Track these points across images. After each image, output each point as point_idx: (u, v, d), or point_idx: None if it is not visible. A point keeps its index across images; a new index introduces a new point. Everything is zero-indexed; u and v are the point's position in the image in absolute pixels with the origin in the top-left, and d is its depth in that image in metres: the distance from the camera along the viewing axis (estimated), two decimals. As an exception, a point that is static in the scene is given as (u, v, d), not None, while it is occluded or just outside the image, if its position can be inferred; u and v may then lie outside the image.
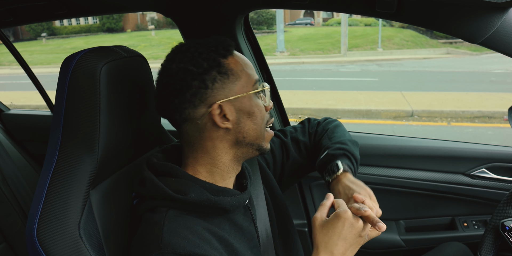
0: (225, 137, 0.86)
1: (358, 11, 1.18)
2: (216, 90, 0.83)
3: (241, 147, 0.89)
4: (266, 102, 0.91)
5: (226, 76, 0.84)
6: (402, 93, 7.92)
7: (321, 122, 1.22)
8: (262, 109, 0.89)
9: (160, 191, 0.82)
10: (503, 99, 7.24)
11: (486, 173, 1.60)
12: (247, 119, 0.87)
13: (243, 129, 0.87)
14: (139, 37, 22.26)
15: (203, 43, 0.86)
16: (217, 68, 0.83)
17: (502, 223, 1.10)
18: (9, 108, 2.40)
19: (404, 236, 1.66)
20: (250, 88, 0.87)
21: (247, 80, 0.87)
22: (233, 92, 0.85)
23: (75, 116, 0.85)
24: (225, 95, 0.84)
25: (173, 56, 0.86)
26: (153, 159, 0.88)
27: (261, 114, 0.89)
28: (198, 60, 0.83)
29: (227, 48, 0.86)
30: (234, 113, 0.85)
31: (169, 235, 0.76)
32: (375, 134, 1.79)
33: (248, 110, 0.86)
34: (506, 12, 0.95)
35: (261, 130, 0.89)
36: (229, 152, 0.88)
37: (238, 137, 0.87)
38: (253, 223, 0.94)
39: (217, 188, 0.86)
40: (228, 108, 0.84)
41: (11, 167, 1.88)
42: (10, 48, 2.07)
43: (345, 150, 1.06)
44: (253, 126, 0.88)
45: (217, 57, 0.84)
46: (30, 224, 0.82)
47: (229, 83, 0.84)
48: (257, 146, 0.90)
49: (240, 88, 0.86)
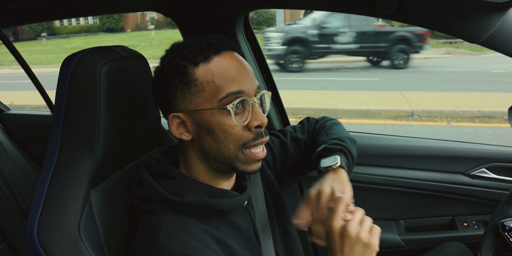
0: (192, 147, 0.85)
1: (358, 11, 1.18)
2: (177, 99, 0.81)
3: (211, 162, 0.84)
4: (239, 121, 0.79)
5: (187, 86, 0.79)
6: (402, 93, 7.91)
7: (319, 120, 1.22)
8: (228, 128, 0.79)
9: (157, 193, 0.81)
10: (503, 99, 7.24)
11: (486, 173, 1.60)
12: (207, 136, 0.81)
13: (204, 144, 0.82)
14: (139, 37, 22.23)
15: (185, 45, 0.82)
16: (181, 76, 0.79)
17: (502, 223, 1.10)
18: (9, 108, 2.40)
19: (404, 236, 1.66)
20: (215, 103, 0.78)
21: (213, 93, 0.78)
22: (193, 104, 0.80)
23: (75, 116, 0.85)
24: (185, 106, 0.80)
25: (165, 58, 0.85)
26: (151, 161, 0.88)
27: (225, 134, 0.79)
28: (166, 67, 0.82)
29: (205, 53, 0.79)
30: (194, 126, 0.82)
31: (166, 238, 0.76)
32: (375, 134, 1.79)
33: (207, 127, 0.80)
34: (506, 12, 0.95)
35: (228, 151, 0.81)
36: (202, 162, 0.85)
37: (202, 150, 0.83)
38: (252, 224, 0.94)
39: (215, 189, 0.85)
40: (189, 120, 0.81)
41: (11, 167, 1.88)
42: (10, 48, 2.07)
43: (343, 146, 1.05)
44: (214, 145, 0.81)
45: (187, 64, 0.79)
46: (30, 224, 0.82)
47: (189, 94, 0.79)
48: (229, 165, 0.83)
49: (202, 101, 0.79)
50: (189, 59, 0.79)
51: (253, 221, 0.94)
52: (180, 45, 0.83)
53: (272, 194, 1.08)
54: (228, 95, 0.78)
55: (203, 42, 0.81)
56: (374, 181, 1.68)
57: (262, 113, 0.83)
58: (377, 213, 1.74)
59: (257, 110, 0.82)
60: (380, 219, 1.73)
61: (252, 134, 0.82)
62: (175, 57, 0.81)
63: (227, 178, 0.90)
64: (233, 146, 0.81)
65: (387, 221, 1.73)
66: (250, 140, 0.82)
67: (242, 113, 0.81)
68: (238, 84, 0.79)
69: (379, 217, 1.73)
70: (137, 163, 1.03)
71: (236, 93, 0.79)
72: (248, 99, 0.81)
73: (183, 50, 0.81)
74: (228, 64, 0.80)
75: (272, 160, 1.14)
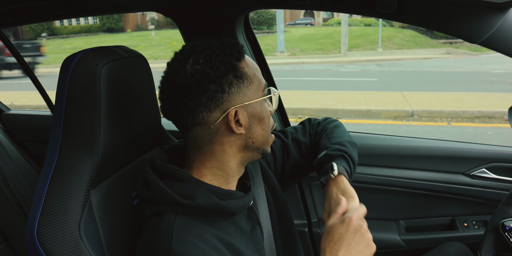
0: (235, 142, 0.86)
1: (358, 11, 1.18)
2: (232, 94, 0.82)
3: (248, 152, 0.89)
4: (272, 107, 0.91)
5: (241, 80, 0.83)
6: (402, 93, 7.92)
7: (321, 122, 1.22)
8: (269, 114, 0.90)
9: (166, 196, 0.80)
10: (503, 99, 7.24)
11: (486, 173, 1.60)
12: (258, 125, 0.87)
13: (253, 135, 0.87)
14: (139, 37, 22.25)
15: (217, 44, 0.83)
16: (233, 71, 0.82)
17: (502, 223, 1.10)
18: (9, 108, 2.40)
19: (404, 236, 1.66)
20: (261, 93, 0.87)
21: (258, 84, 0.86)
22: (247, 97, 0.84)
23: (75, 116, 0.85)
24: (240, 100, 0.83)
25: (185, 57, 0.81)
26: (157, 161, 0.86)
27: (269, 120, 0.90)
28: (215, 63, 0.80)
29: (240, 51, 0.85)
30: (247, 118, 0.84)
31: (179, 244, 0.75)
32: (375, 134, 1.79)
33: (259, 116, 0.86)
34: (506, 12, 0.95)
35: (268, 135, 0.90)
36: (237, 156, 0.87)
37: (247, 142, 0.87)
38: (258, 224, 0.94)
39: (224, 191, 0.85)
40: (242, 113, 0.83)
41: (11, 167, 1.88)
42: (10, 48, 2.07)
43: (343, 152, 1.05)
44: (262, 132, 0.88)
45: (233, 60, 0.82)
46: (30, 224, 0.82)
47: (243, 88, 0.83)
48: (262, 150, 0.91)
49: (253, 93, 0.85)
50: (232, 55, 0.83)
51: (259, 221, 0.94)
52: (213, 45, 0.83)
53: (273, 194, 1.08)
54: (265, 86, 0.89)
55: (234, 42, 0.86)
56: (374, 181, 1.68)
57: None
58: (377, 213, 1.74)
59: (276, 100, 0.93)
60: (380, 219, 1.74)
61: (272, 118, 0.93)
62: (220, 54, 0.82)
63: (242, 173, 0.93)
64: (270, 131, 0.91)
65: (387, 221, 1.73)
66: (274, 123, 0.94)
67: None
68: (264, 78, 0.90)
69: (379, 217, 1.74)
70: (138, 163, 1.03)
71: (266, 85, 0.90)
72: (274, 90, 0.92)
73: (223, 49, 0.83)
74: (252, 60, 0.90)
75: (273, 161, 1.14)
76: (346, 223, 0.84)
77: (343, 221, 0.84)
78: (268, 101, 0.90)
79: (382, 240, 1.66)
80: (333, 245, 0.82)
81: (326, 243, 0.84)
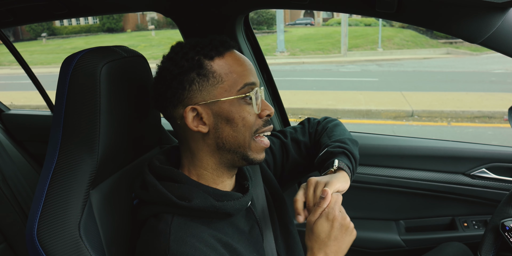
0: (205, 140, 0.85)
1: (358, 11, 1.18)
2: (193, 92, 0.82)
3: (225, 153, 0.86)
4: (257, 109, 0.85)
5: (205, 78, 0.82)
6: (402, 93, 7.92)
7: (321, 121, 1.22)
8: (246, 116, 0.84)
9: (163, 197, 0.81)
10: (503, 99, 7.24)
11: (486, 173, 1.60)
12: (226, 125, 0.83)
13: (221, 135, 0.84)
14: (139, 37, 22.25)
15: (195, 42, 0.85)
16: (198, 69, 0.81)
17: (502, 223, 1.10)
18: (9, 108, 2.40)
19: (404, 236, 1.66)
20: (234, 93, 0.83)
21: (232, 84, 0.83)
22: (212, 95, 0.82)
23: (75, 116, 0.85)
24: (203, 98, 0.82)
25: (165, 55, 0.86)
26: (155, 162, 0.87)
27: (243, 122, 0.84)
28: (181, 61, 0.82)
29: (218, 48, 0.83)
30: (212, 117, 0.83)
31: (176, 245, 0.75)
32: (375, 134, 1.79)
33: (226, 116, 0.83)
34: (506, 12, 0.95)
35: (244, 139, 0.85)
36: (214, 156, 0.86)
37: (218, 142, 0.85)
38: (256, 225, 0.94)
39: (221, 193, 0.85)
40: (205, 111, 0.83)
41: (11, 167, 1.88)
42: (10, 48, 2.07)
43: (344, 149, 1.05)
44: (233, 133, 0.84)
45: (202, 58, 0.82)
46: (30, 224, 0.82)
47: (208, 86, 0.82)
48: (242, 155, 0.86)
49: (221, 92, 0.82)
50: (204, 54, 0.82)
51: (258, 221, 0.94)
52: (190, 42, 0.85)
53: (273, 194, 1.08)
54: (245, 85, 0.84)
55: (213, 40, 0.85)
56: (374, 181, 1.68)
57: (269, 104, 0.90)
58: (377, 213, 1.74)
59: (264, 101, 0.88)
60: (380, 219, 1.74)
61: (262, 121, 0.88)
62: (187, 52, 0.83)
63: (232, 174, 0.91)
64: (248, 134, 0.85)
65: (387, 221, 1.73)
66: (261, 126, 0.88)
67: (256, 102, 0.86)
68: (251, 77, 0.86)
69: (379, 217, 1.74)
70: (138, 163, 1.03)
71: (250, 84, 0.85)
72: (259, 90, 0.87)
73: (195, 46, 0.83)
74: (239, 59, 0.86)
75: (273, 161, 1.14)
76: (331, 219, 0.84)
77: (327, 218, 0.84)
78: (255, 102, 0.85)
79: (382, 240, 1.66)
80: (321, 242, 0.83)
81: (313, 241, 0.84)
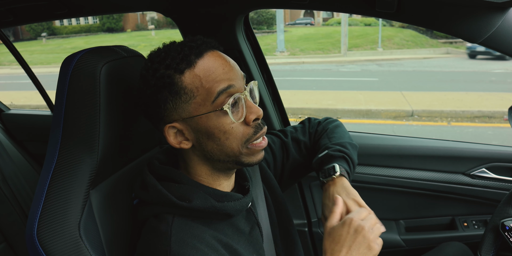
0: (193, 152, 0.84)
1: (358, 11, 1.18)
2: (169, 110, 0.79)
3: (216, 162, 0.84)
4: (238, 118, 0.79)
5: (177, 96, 0.77)
6: (402, 93, 7.92)
7: (321, 122, 1.21)
8: (228, 129, 0.79)
9: (163, 197, 0.80)
10: (503, 99, 7.24)
11: (486, 173, 1.61)
12: (208, 140, 0.80)
13: (206, 149, 0.81)
14: (139, 37, 22.25)
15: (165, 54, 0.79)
16: (168, 87, 0.77)
17: (502, 223, 1.10)
18: (9, 108, 2.40)
19: (404, 236, 1.66)
20: (209, 106, 0.77)
21: (205, 97, 0.77)
22: (187, 112, 0.78)
23: (75, 116, 0.85)
24: (179, 115, 0.79)
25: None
26: (155, 162, 0.87)
27: (226, 135, 0.79)
28: (151, 79, 0.78)
29: (188, 57, 0.77)
30: (192, 133, 0.81)
31: (177, 246, 0.75)
32: (375, 134, 1.79)
33: (206, 132, 0.79)
34: (506, 12, 0.95)
35: (232, 150, 0.81)
36: (206, 164, 0.85)
37: (205, 154, 0.83)
38: (257, 225, 0.94)
39: (221, 193, 0.84)
40: (185, 127, 0.80)
41: (11, 167, 1.88)
42: (10, 48, 2.07)
43: (345, 153, 1.05)
44: (217, 147, 0.80)
45: (172, 74, 0.77)
46: (30, 224, 0.82)
47: (181, 103, 0.78)
48: (234, 161, 0.83)
49: (196, 107, 0.78)
50: (174, 68, 0.77)
51: (258, 222, 0.94)
52: (159, 54, 0.80)
53: (273, 194, 1.08)
54: (219, 94, 0.77)
55: (183, 47, 0.79)
56: (374, 181, 1.68)
57: (256, 105, 0.83)
58: (377, 213, 1.72)
59: (250, 104, 0.82)
60: (380, 219, 1.73)
61: (252, 128, 0.82)
62: (157, 68, 0.78)
63: (229, 176, 0.90)
64: (236, 145, 0.81)
65: (387, 221, 1.73)
66: (252, 135, 0.82)
67: (237, 109, 0.80)
68: (226, 81, 0.78)
69: (379, 217, 1.71)
70: (138, 163, 1.03)
71: (226, 89, 0.78)
72: (239, 95, 0.80)
73: (164, 59, 0.78)
74: (213, 64, 0.78)
75: (273, 161, 1.14)
76: (347, 224, 0.84)
77: (343, 223, 0.85)
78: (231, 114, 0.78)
79: (382, 240, 1.65)
80: (334, 246, 0.83)
81: (327, 244, 0.84)
